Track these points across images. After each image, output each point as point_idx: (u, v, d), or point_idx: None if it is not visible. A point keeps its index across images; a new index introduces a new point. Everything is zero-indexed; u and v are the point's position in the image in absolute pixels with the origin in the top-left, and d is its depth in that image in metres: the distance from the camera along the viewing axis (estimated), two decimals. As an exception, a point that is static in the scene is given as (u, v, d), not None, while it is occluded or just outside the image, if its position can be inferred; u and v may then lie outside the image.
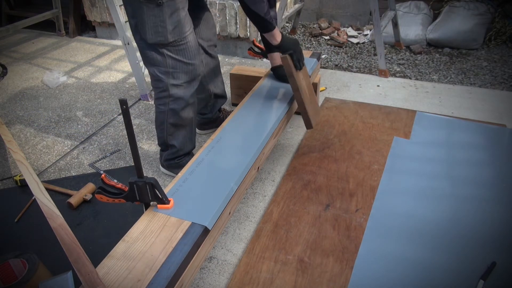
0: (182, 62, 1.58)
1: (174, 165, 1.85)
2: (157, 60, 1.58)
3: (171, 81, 1.61)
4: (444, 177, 1.80)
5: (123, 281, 0.98)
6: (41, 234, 1.60)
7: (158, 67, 1.59)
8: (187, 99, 1.67)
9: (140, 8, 1.46)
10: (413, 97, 2.54)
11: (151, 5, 1.44)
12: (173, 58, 1.56)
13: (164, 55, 1.56)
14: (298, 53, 1.68)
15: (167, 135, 1.75)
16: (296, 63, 1.68)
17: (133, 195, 1.16)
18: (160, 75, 1.60)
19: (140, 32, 1.53)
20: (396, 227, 1.56)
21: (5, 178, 1.96)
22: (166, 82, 1.61)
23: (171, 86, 1.62)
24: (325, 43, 3.49)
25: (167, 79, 1.61)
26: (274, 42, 1.68)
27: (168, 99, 1.65)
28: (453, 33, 3.15)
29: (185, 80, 1.63)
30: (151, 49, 1.56)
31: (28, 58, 3.34)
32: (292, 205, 1.69)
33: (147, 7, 1.45)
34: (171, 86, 1.62)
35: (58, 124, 2.40)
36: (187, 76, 1.62)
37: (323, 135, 2.14)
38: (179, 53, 1.56)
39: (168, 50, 1.54)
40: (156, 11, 1.45)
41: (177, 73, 1.60)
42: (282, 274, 1.39)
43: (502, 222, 1.56)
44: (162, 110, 1.68)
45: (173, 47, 1.54)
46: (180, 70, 1.59)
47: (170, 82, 1.61)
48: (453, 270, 1.38)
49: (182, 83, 1.63)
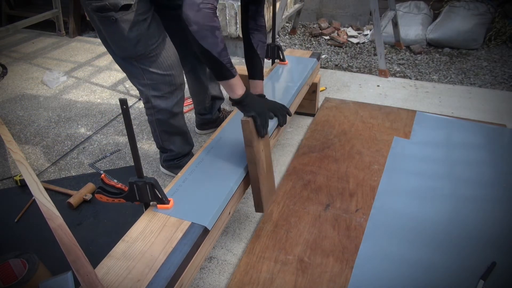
0: (158, 74, 1.50)
1: (173, 166, 1.85)
2: (133, 72, 1.52)
3: (151, 92, 1.55)
4: (444, 177, 1.80)
5: (122, 281, 0.98)
6: (41, 234, 1.60)
7: (137, 79, 1.54)
8: (170, 109, 1.60)
9: (102, 23, 1.39)
10: (413, 97, 2.54)
11: (108, 22, 1.36)
12: (148, 70, 1.49)
13: (138, 68, 1.49)
14: (263, 117, 1.33)
15: (162, 141, 1.74)
16: (260, 129, 1.31)
17: (133, 195, 1.15)
18: (140, 87, 1.55)
19: (110, 46, 1.48)
20: (396, 227, 1.56)
21: (5, 178, 1.96)
22: (146, 94, 1.56)
23: (153, 98, 1.56)
24: (325, 43, 3.49)
25: (147, 91, 1.55)
26: (232, 95, 1.33)
27: (153, 110, 1.61)
28: (453, 33, 3.15)
29: (166, 91, 1.56)
30: (125, 63, 1.51)
31: (28, 58, 3.34)
32: (292, 205, 1.69)
33: (105, 24, 1.38)
34: (153, 97, 1.56)
35: (58, 124, 2.40)
36: (167, 87, 1.55)
37: (323, 135, 2.14)
38: (152, 65, 1.48)
39: (140, 63, 1.47)
40: (113, 28, 1.37)
41: (156, 85, 1.53)
42: (282, 274, 1.39)
43: (502, 222, 1.56)
44: (151, 120, 1.67)
45: (145, 59, 1.46)
46: (158, 81, 1.52)
47: (151, 94, 1.55)
48: (453, 270, 1.38)
49: (163, 94, 1.56)
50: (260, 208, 1.47)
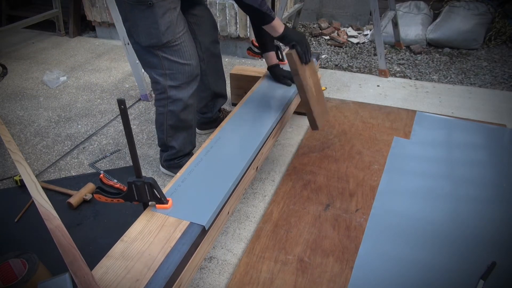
0: (178, 63, 1.56)
1: (174, 165, 1.85)
2: (153, 62, 1.56)
3: (168, 82, 1.59)
4: (444, 177, 1.80)
5: (121, 280, 0.98)
6: (41, 234, 1.60)
7: (155, 70, 1.58)
8: (185, 100, 1.64)
9: (132, 11, 1.45)
10: (413, 97, 2.53)
11: (142, 7, 1.42)
12: (169, 59, 1.54)
13: (159, 57, 1.54)
14: (303, 45, 1.58)
15: (166, 136, 1.75)
16: (302, 56, 1.58)
17: (132, 195, 1.15)
18: (157, 77, 1.59)
19: (134, 35, 1.52)
20: (396, 227, 1.56)
21: (5, 178, 1.96)
22: (163, 84, 1.60)
23: (169, 88, 1.61)
24: (325, 43, 3.49)
25: (165, 81, 1.59)
26: (275, 34, 1.58)
27: (167, 100, 1.64)
28: (453, 33, 3.15)
29: (183, 81, 1.61)
30: (146, 52, 1.55)
31: (28, 58, 3.34)
32: (292, 205, 1.69)
33: (138, 9, 1.43)
34: (169, 87, 1.61)
35: (58, 124, 2.40)
36: (185, 77, 1.60)
37: (323, 135, 2.14)
38: (174, 54, 1.54)
39: (163, 52, 1.52)
40: (147, 13, 1.43)
41: (174, 75, 1.58)
42: (282, 274, 1.39)
43: (502, 222, 1.56)
44: (161, 112, 1.68)
45: (168, 48, 1.52)
46: (177, 71, 1.57)
47: (168, 84, 1.60)
48: (453, 270, 1.38)
49: (180, 84, 1.61)
50: (315, 126, 1.74)
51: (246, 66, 2.82)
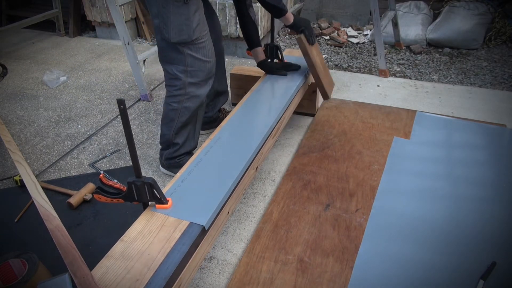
0: (201, 60, 1.63)
1: (174, 165, 1.85)
2: (176, 58, 1.61)
3: (189, 79, 1.65)
4: (444, 177, 1.80)
5: (121, 280, 0.98)
6: (41, 234, 1.60)
7: (176, 66, 1.63)
8: (202, 97, 1.72)
9: (166, 6, 1.50)
10: (413, 97, 2.53)
11: (178, 3, 1.49)
12: (193, 56, 1.61)
13: (184, 54, 1.60)
14: (309, 29, 1.92)
15: (173, 133, 1.76)
16: (309, 38, 1.92)
17: (132, 195, 1.15)
18: (178, 73, 1.64)
19: (163, 31, 1.56)
20: (396, 227, 1.56)
21: (5, 178, 1.96)
22: (183, 81, 1.65)
23: (189, 85, 1.66)
24: (325, 43, 3.49)
25: (185, 78, 1.65)
26: (287, 23, 1.89)
27: (184, 97, 1.68)
28: (453, 33, 3.15)
29: (202, 78, 1.67)
30: (171, 48, 1.60)
31: (28, 58, 3.34)
32: (292, 205, 1.69)
33: (173, 6, 1.50)
34: (189, 84, 1.66)
35: (58, 124, 2.40)
36: (204, 74, 1.67)
37: (323, 135, 2.14)
38: (198, 51, 1.61)
39: (189, 49, 1.59)
40: (182, 9, 1.50)
41: (195, 71, 1.64)
42: (282, 274, 1.39)
43: (502, 222, 1.56)
44: (175, 108, 1.71)
45: (194, 45, 1.59)
46: (198, 68, 1.64)
47: (188, 81, 1.65)
48: (453, 270, 1.38)
49: (199, 81, 1.67)
50: (326, 96, 2.18)
51: (246, 66, 2.82)
